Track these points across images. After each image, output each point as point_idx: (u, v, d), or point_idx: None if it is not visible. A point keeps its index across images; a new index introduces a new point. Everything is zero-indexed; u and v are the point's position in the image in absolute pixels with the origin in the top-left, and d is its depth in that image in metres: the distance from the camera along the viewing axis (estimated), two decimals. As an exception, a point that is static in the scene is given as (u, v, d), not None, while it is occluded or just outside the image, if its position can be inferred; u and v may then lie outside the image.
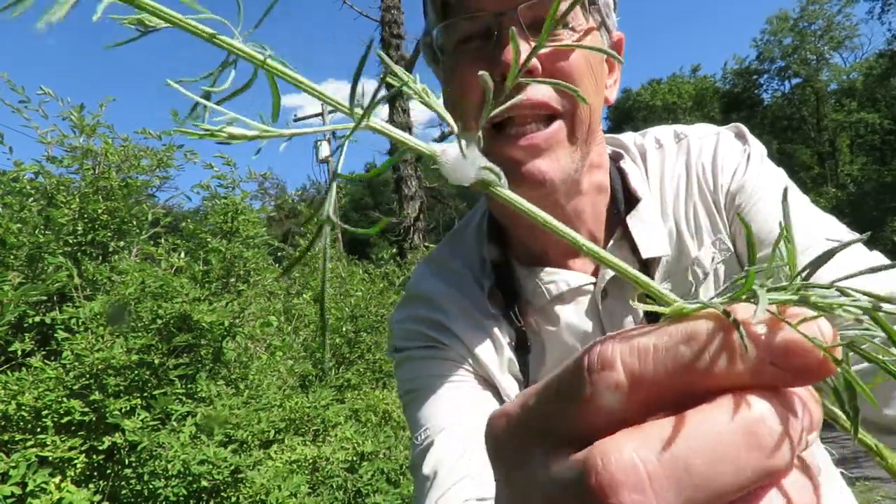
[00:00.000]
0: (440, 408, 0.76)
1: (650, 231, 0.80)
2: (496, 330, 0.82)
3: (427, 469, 0.71)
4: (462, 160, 0.28)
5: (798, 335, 0.22)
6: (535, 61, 0.68)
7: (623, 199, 0.82)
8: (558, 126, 0.71)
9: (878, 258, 0.70)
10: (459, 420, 0.75)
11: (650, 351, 0.23)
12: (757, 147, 0.82)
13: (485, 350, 0.81)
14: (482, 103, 0.66)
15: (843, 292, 0.23)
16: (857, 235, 0.73)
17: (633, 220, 0.80)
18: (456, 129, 0.29)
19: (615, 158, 0.86)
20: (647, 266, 0.79)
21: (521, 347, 0.82)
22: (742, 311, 0.23)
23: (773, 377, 0.22)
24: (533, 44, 0.70)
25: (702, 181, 0.81)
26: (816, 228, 0.72)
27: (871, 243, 0.72)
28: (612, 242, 0.81)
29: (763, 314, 0.22)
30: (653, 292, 0.27)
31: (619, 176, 0.84)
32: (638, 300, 0.26)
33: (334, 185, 0.26)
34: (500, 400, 0.80)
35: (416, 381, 0.81)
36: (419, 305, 0.86)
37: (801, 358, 0.22)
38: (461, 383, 0.79)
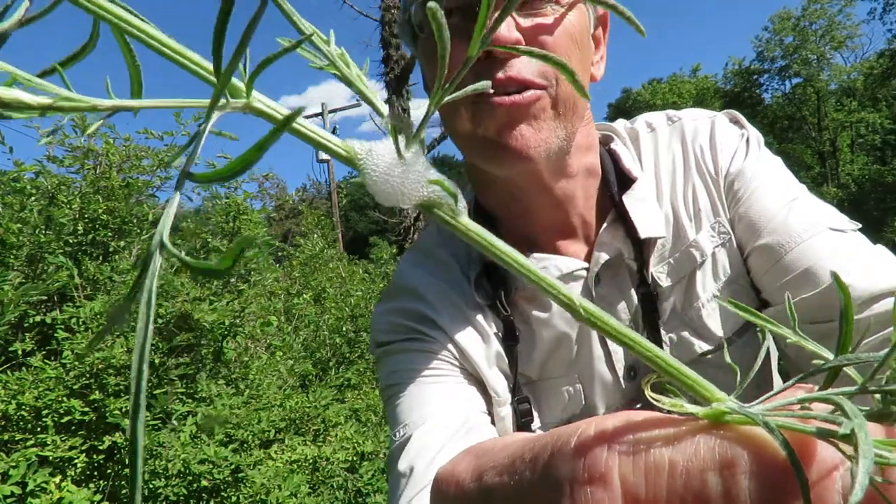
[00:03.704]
0: (421, 403, 0.72)
1: (646, 210, 0.77)
2: (483, 321, 0.79)
3: (403, 465, 0.67)
4: (398, 167, 0.19)
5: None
6: (517, 36, 0.65)
7: (616, 181, 0.79)
8: (542, 93, 0.67)
9: (881, 251, 0.68)
10: (441, 415, 0.70)
11: (664, 470, 0.16)
12: (754, 132, 0.81)
13: (471, 343, 0.77)
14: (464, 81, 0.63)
15: None
16: (857, 225, 0.73)
17: (629, 200, 0.77)
18: (388, 116, 0.19)
19: (605, 142, 0.83)
20: (643, 247, 0.76)
21: (510, 337, 0.78)
22: (824, 458, 0.15)
23: None
24: (519, 19, 0.66)
25: (700, 162, 0.79)
26: (819, 218, 0.70)
27: (872, 242, 0.71)
28: (605, 225, 0.77)
29: (865, 483, 0.13)
30: (685, 380, 0.18)
31: (611, 158, 0.81)
32: (651, 389, 0.19)
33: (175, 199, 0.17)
34: (486, 395, 0.77)
35: (398, 375, 0.77)
36: (403, 297, 0.83)
37: None
38: (445, 377, 0.76)
